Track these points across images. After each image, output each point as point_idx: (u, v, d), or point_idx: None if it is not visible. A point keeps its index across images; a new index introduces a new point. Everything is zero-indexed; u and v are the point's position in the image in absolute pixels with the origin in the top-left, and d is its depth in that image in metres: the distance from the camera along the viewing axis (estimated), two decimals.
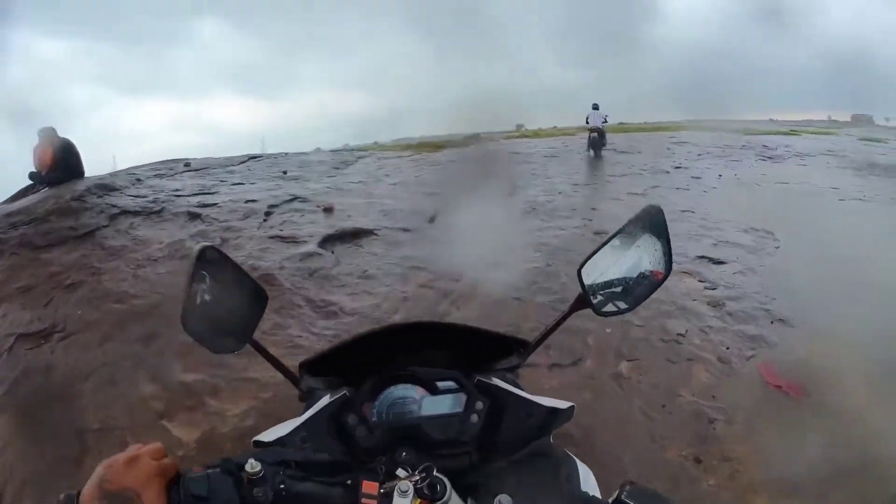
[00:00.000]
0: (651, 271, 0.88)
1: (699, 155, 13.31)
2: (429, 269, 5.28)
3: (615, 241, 0.87)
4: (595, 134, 12.15)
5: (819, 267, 5.28)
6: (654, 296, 0.93)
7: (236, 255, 3.81)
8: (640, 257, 0.88)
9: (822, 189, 9.82)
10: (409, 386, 0.80)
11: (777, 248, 6.85)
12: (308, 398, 0.84)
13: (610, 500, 0.66)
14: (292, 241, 5.68)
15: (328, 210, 6.69)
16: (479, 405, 0.80)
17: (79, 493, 0.57)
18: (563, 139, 15.80)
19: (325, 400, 0.80)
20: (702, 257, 6.33)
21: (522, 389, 0.83)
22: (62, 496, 0.57)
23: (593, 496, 0.71)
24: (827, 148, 13.81)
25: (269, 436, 0.76)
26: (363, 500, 0.64)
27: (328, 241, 5.77)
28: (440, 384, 0.80)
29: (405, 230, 6.19)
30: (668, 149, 14.00)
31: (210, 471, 0.63)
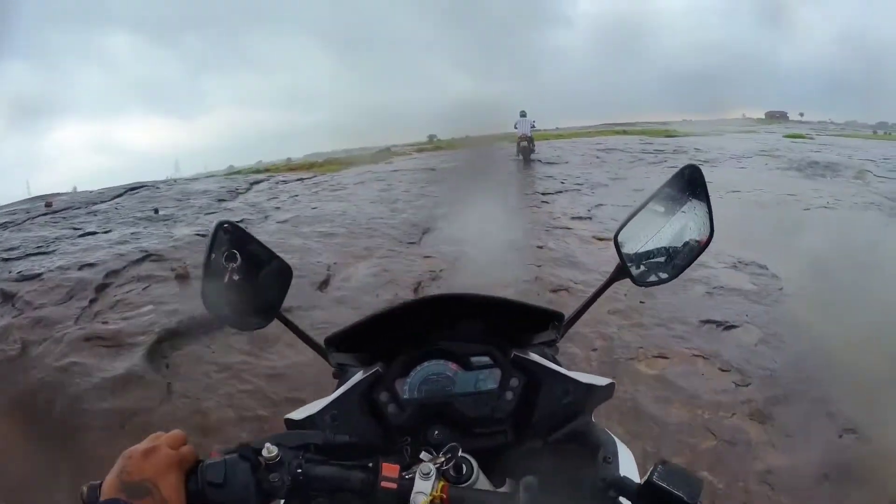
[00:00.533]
0: (693, 233, 0.81)
1: (632, 162, 11.98)
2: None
3: (652, 205, 0.79)
4: (525, 142, 11.51)
5: (848, 316, 4.17)
6: (682, 415, 1.18)
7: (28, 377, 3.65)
8: (679, 221, 0.80)
9: (779, 197, 8.56)
10: (442, 362, 0.76)
11: (781, 289, 5.18)
12: (341, 375, 0.80)
13: (642, 481, 0.60)
14: (113, 345, 4.01)
15: (182, 277, 5.12)
16: (515, 382, 0.74)
17: (101, 484, 0.57)
18: (478, 149, 14.13)
19: (357, 377, 0.76)
20: (706, 322, 4.38)
21: (561, 365, 0.78)
22: (85, 487, 0.57)
23: (625, 477, 0.62)
24: (759, 148, 13.09)
25: (300, 413, 0.73)
26: (382, 483, 0.60)
27: (166, 341, 4.07)
28: (474, 360, 0.76)
29: (284, 310, 3.67)
30: (598, 157, 12.57)
31: (227, 457, 0.60)
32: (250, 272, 0.78)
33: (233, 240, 0.77)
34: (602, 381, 0.76)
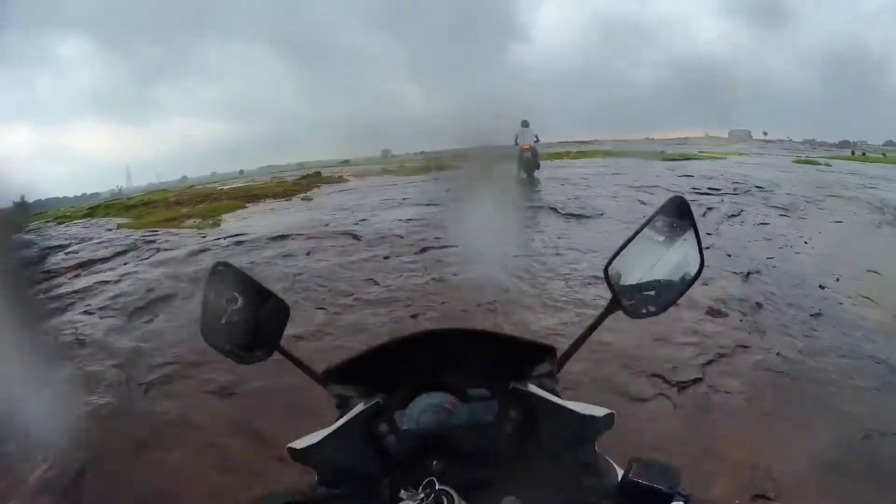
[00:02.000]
0: (683, 265, 0.80)
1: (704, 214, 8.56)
2: None
3: (641, 237, 0.78)
4: (528, 153, 10.33)
5: None
6: None
7: None
8: (669, 252, 0.80)
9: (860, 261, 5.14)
10: (440, 394, 0.75)
11: None
12: (343, 406, 0.79)
13: (619, 480, 0.63)
14: None
15: None
16: (513, 413, 0.74)
17: None
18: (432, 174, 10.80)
19: (357, 408, 0.75)
20: None
21: (559, 396, 0.75)
22: None
23: (603, 479, 0.67)
24: (807, 180, 9.99)
25: (301, 443, 0.73)
26: None
27: None
28: (472, 392, 0.75)
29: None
30: (641, 201, 9.21)
31: None
32: (248, 309, 0.80)
33: (229, 279, 0.81)
34: (601, 411, 0.72)
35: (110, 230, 7.68)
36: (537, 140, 10.49)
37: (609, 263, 0.78)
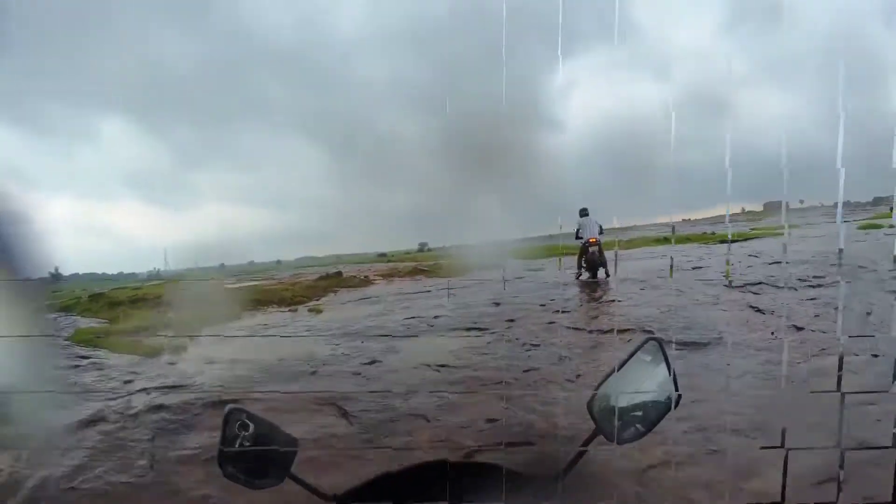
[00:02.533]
0: (660, 394, 0.92)
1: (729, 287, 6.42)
2: None
3: (619, 375, 0.90)
4: (595, 248, 8.88)
5: None
6: None
7: None
8: (645, 385, 0.91)
9: None
10: None
11: None
12: None
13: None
14: None
15: None
16: None
17: None
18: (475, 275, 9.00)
19: None
20: None
21: None
22: None
23: None
24: (856, 251, 7.95)
25: None
26: None
27: None
28: None
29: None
30: (661, 277, 7.68)
31: None
32: (260, 444, 0.90)
33: (242, 419, 0.90)
34: None
35: None
36: (602, 232, 8.97)
37: (590, 400, 0.90)
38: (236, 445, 0.87)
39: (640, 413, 0.90)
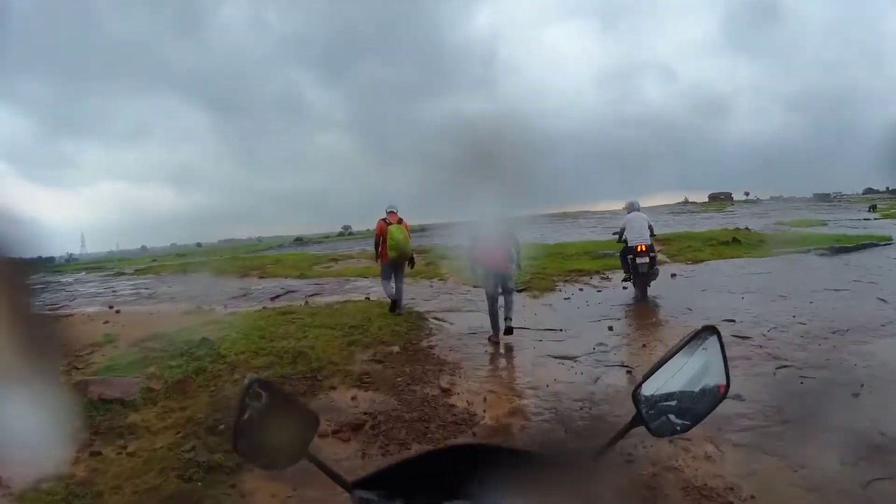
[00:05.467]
0: (711, 386, 0.87)
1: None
2: None
3: (671, 362, 0.85)
4: (646, 260, 7.45)
5: None
6: None
7: None
8: (697, 375, 0.86)
9: None
10: (464, 503, 0.81)
11: None
12: None
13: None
14: None
15: None
16: None
17: None
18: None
19: None
20: None
21: None
22: None
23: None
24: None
25: None
26: None
27: None
28: None
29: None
30: (725, 285, 7.59)
31: None
32: (278, 418, 0.87)
33: (262, 391, 0.87)
34: None
35: None
36: (653, 234, 7.72)
37: (638, 387, 0.84)
38: (253, 424, 0.84)
39: (687, 404, 0.85)
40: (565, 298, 8.04)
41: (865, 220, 19.67)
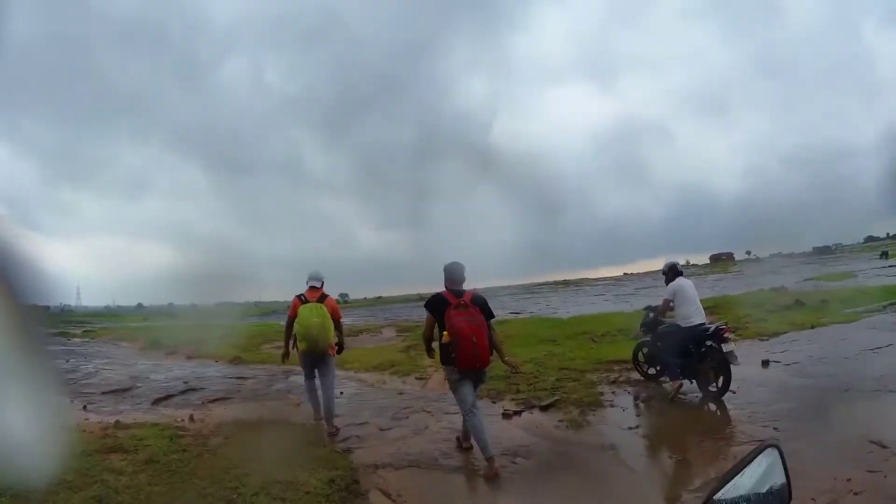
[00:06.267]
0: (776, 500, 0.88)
1: None
2: None
3: (735, 480, 0.86)
4: (732, 346, 5.01)
5: None
6: None
7: None
8: (764, 492, 0.87)
9: None
10: None
11: None
12: None
13: None
14: None
15: None
16: None
17: None
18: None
19: None
20: None
21: None
22: None
23: None
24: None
25: None
26: None
27: None
28: None
29: None
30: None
31: None
32: None
33: None
34: None
35: None
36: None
37: (708, 500, 0.85)
38: None
39: None
40: (629, 428, 4.57)
41: (887, 266, 18.89)
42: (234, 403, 5.56)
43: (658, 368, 5.77)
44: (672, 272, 5.41)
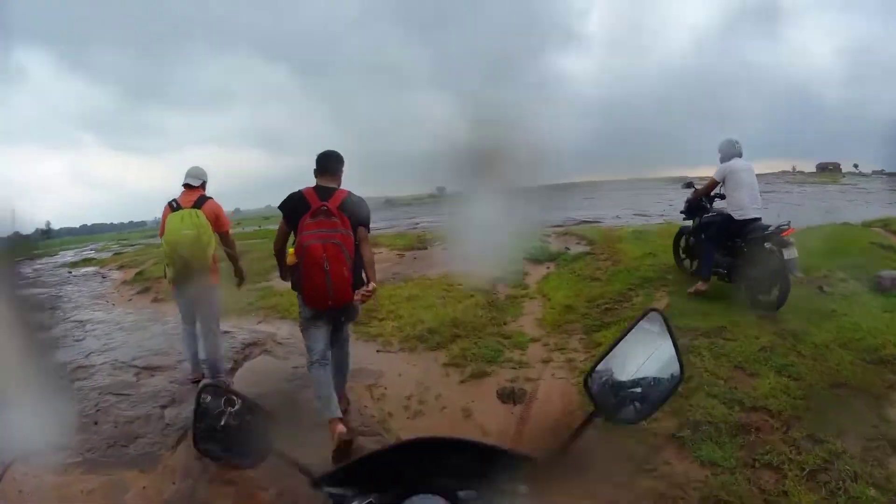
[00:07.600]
0: (664, 376, 0.83)
1: None
2: None
3: (619, 348, 0.83)
4: (794, 252, 4.13)
5: None
6: None
7: None
8: (647, 363, 0.83)
9: None
10: (432, 496, 0.78)
11: None
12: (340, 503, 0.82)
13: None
14: None
15: None
16: None
17: None
18: None
19: None
20: None
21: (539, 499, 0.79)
22: None
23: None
24: None
25: None
26: None
27: None
28: (462, 494, 0.78)
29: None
30: None
31: None
32: (238, 420, 0.86)
33: (217, 395, 0.88)
34: None
35: None
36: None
37: (588, 375, 0.82)
38: (212, 422, 0.85)
39: (641, 391, 0.82)
40: None
41: None
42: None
43: (698, 264, 4.87)
44: (727, 152, 4.57)
